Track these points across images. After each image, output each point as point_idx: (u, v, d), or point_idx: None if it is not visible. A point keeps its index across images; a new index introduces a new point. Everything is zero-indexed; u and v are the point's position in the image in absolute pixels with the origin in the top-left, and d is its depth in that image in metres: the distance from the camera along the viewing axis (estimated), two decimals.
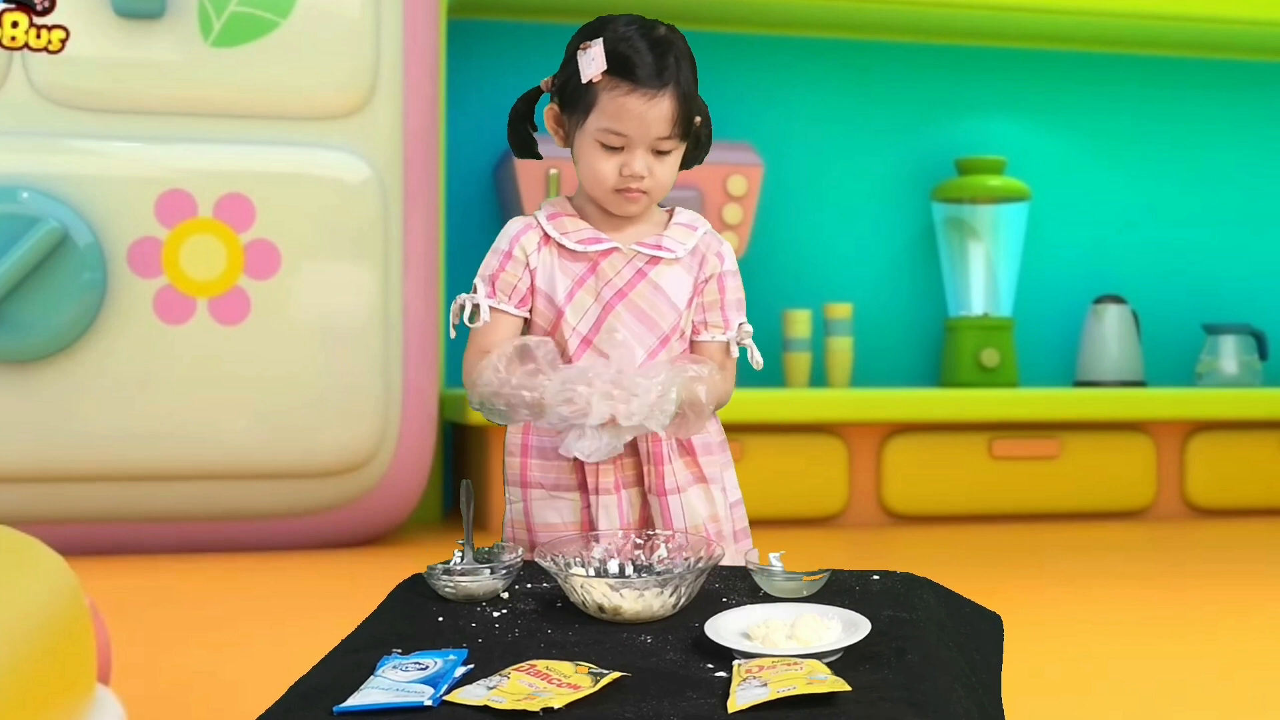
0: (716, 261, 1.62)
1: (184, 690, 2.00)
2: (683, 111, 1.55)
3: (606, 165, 1.55)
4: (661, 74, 1.53)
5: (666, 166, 1.57)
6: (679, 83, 1.54)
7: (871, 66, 4.52)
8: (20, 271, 3.06)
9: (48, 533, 2.06)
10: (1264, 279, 4.79)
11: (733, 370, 1.64)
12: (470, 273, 1.68)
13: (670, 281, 1.60)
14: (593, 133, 1.55)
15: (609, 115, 1.53)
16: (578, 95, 1.56)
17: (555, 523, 1.59)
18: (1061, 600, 2.79)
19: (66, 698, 1.13)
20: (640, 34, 1.55)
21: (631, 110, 1.52)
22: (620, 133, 1.54)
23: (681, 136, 1.57)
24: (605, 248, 1.58)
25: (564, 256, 1.59)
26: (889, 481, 3.98)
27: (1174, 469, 4.19)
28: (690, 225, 1.63)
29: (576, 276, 1.58)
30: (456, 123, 4.12)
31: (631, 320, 1.57)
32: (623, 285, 1.58)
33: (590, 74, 1.54)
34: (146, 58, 3.23)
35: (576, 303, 1.57)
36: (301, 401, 3.27)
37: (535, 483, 1.60)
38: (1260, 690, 2.06)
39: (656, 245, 1.60)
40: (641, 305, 1.58)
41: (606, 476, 1.58)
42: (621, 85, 1.53)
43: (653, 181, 1.56)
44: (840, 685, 1.03)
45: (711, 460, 1.63)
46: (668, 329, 1.59)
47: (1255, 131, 4.80)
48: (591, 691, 1.05)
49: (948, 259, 4.42)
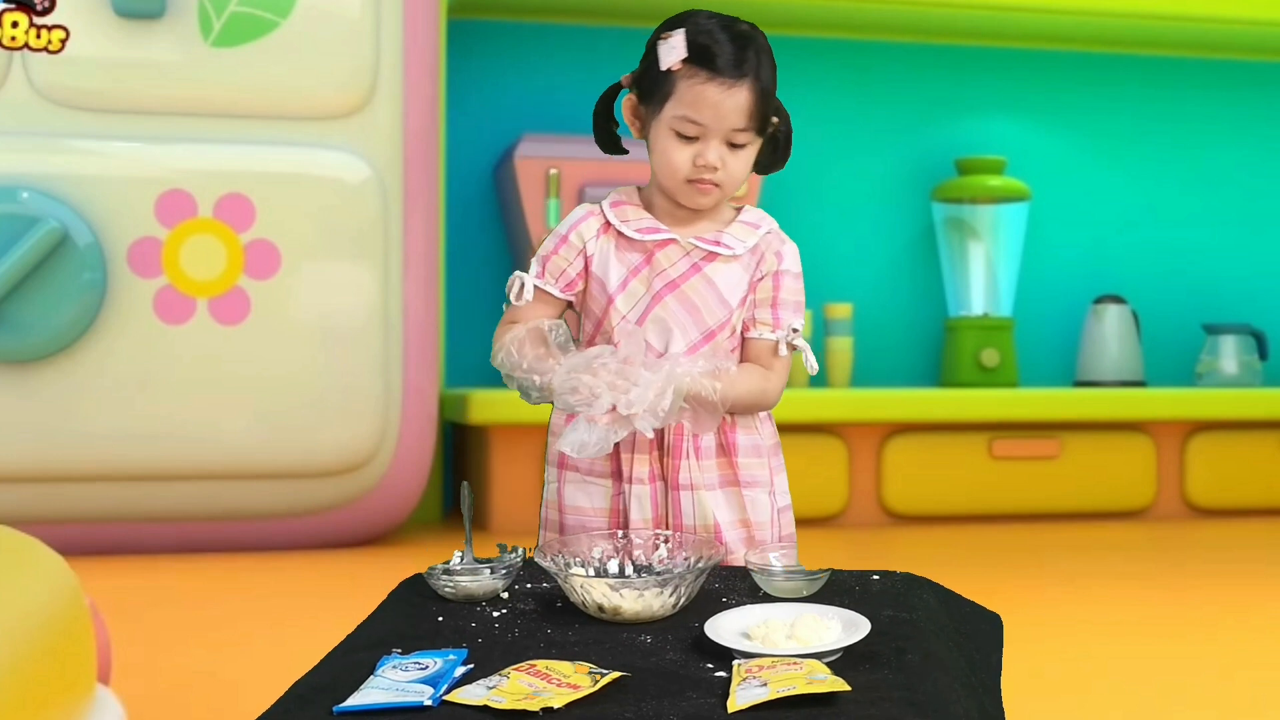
0: (775, 260, 1.60)
1: (184, 690, 2.00)
2: (759, 105, 1.54)
3: (681, 155, 1.55)
4: (740, 65, 1.53)
5: (740, 161, 1.56)
6: (758, 76, 1.54)
7: (871, 66, 4.52)
8: (20, 271, 3.06)
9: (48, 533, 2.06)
10: (1264, 279, 4.79)
11: (780, 371, 1.61)
12: (470, 272, 1.68)
13: (724, 278, 1.58)
14: (668, 121, 1.55)
15: (686, 103, 1.53)
16: (656, 84, 1.56)
17: (584, 507, 1.59)
18: (1061, 600, 2.79)
19: (66, 698, 1.13)
20: (721, 27, 1.55)
21: (708, 98, 1.52)
22: (696, 121, 1.53)
23: (757, 131, 1.56)
24: (662, 238, 1.58)
25: (621, 245, 1.58)
26: (889, 481, 3.98)
27: (1174, 469, 4.19)
28: (754, 224, 1.62)
29: (632, 265, 1.58)
30: (456, 123, 4.12)
31: (679, 312, 1.56)
32: (675, 277, 1.57)
33: (669, 62, 1.53)
34: (146, 58, 3.23)
35: (629, 291, 1.57)
36: (301, 401, 3.27)
37: (571, 465, 1.59)
38: (1260, 690, 2.06)
39: (715, 241, 1.59)
40: (691, 298, 1.57)
41: (641, 466, 1.57)
42: (700, 73, 1.52)
43: (725, 174, 1.55)
44: (840, 685, 1.03)
45: (759, 463, 1.60)
46: (714, 324, 1.57)
47: (1255, 131, 4.80)
48: (591, 691, 1.05)
49: (948, 259, 4.42)
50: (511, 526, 3.68)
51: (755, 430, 1.61)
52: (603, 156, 1.69)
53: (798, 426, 3.89)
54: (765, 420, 1.64)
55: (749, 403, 1.58)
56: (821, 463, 3.90)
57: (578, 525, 1.58)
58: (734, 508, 1.59)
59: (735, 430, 1.59)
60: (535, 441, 3.72)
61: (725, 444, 1.59)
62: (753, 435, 1.61)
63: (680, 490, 1.56)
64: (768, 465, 1.62)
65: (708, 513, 1.57)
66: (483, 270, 4.20)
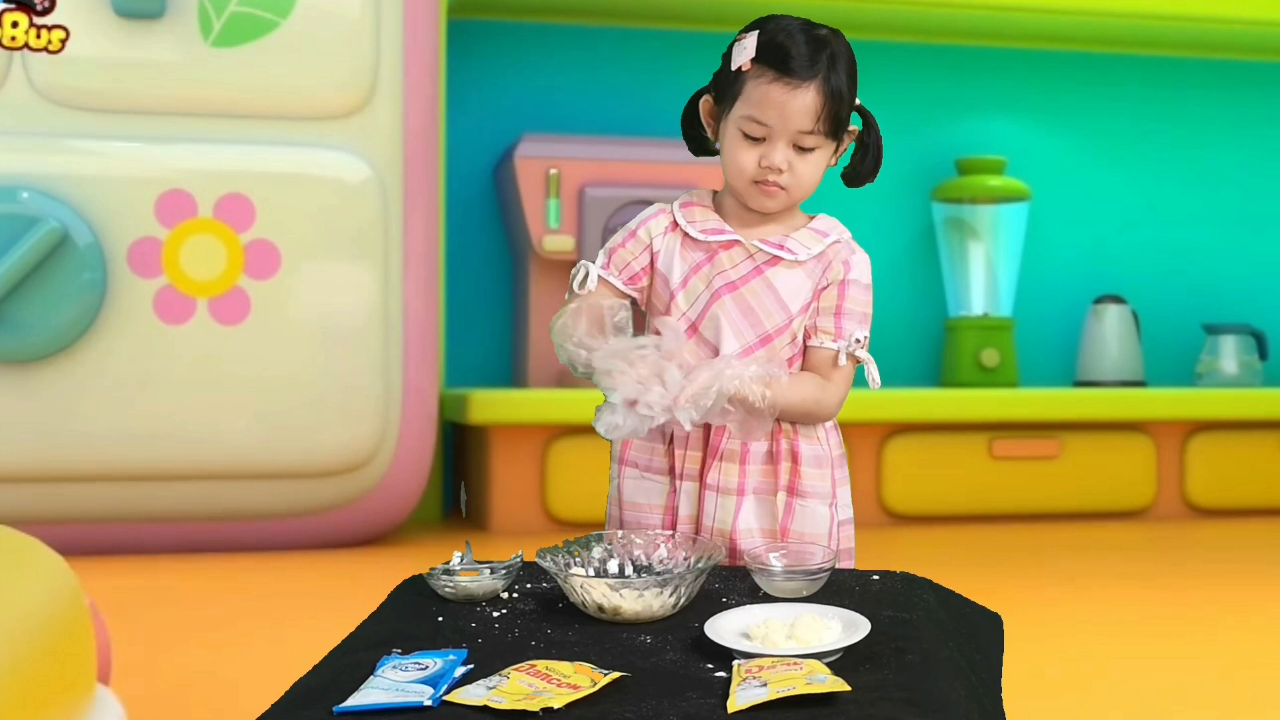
0: (842, 269, 1.58)
1: (184, 690, 2.00)
2: (829, 108, 1.52)
3: (747, 155, 1.54)
4: (810, 66, 1.51)
5: (809, 164, 1.55)
6: (827, 78, 1.52)
7: (871, 66, 4.48)
8: (20, 271, 3.06)
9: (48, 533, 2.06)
10: (1264, 279, 4.79)
11: (839, 381, 1.58)
12: (470, 272, 1.69)
13: (786, 283, 1.57)
14: (736, 121, 1.54)
15: (752, 103, 1.52)
16: (727, 85, 1.56)
17: (642, 503, 1.58)
18: (1061, 600, 2.79)
19: (66, 698, 1.13)
20: (799, 29, 1.54)
21: (774, 98, 1.51)
22: (761, 121, 1.52)
23: (828, 134, 1.54)
24: (726, 239, 1.57)
25: (686, 244, 1.58)
26: (889, 481, 3.98)
27: (1174, 469, 4.19)
28: (823, 231, 1.60)
29: (694, 264, 1.57)
30: (456, 123, 4.12)
31: (736, 314, 1.55)
32: (736, 279, 1.56)
33: (740, 61, 1.53)
34: (146, 58, 3.23)
35: (689, 288, 1.56)
36: (301, 401, 3.27)
37: (631, 461, 1.59)
38: (1260, 690, 2.06)
39: (779, 245, 1.57)
40: (750, 300, 1.55)
41: (692, 464, 1.56)
42: (767, 73, 1.51)
43: (792, 177, 1.54)
44: (840, 685, 1.03)
45: (821, 474, 1.58)
46: (771, 329, 1.55)
47: (1255, 131, 4.80)
48: (591, 691, 1.05)
49: (948, 259, 4.42)
50: (511, 526, 3.69)
51: (819, 441, 1.59)
52: (603, 156, 1.69)
53: None
54: (832, 431, 1.62)
55: (802, 412, 1.56)
56: None
57: (634, 522, 1.57)
58: (764, 516, 1.56)
59: (798, 439, 1.57)
60: (535, 441, 3.72)
61: (779, 451, 1.56)
62: (815, 445, 1.58)
63: (707, 490, 1.55)
64: (830, 477, 1.59)
65: (726, 517, 1.54)
66: (483, 270, 4.20)
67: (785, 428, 1.56)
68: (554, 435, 3.71)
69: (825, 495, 1.58)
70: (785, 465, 1.56)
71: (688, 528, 1.55)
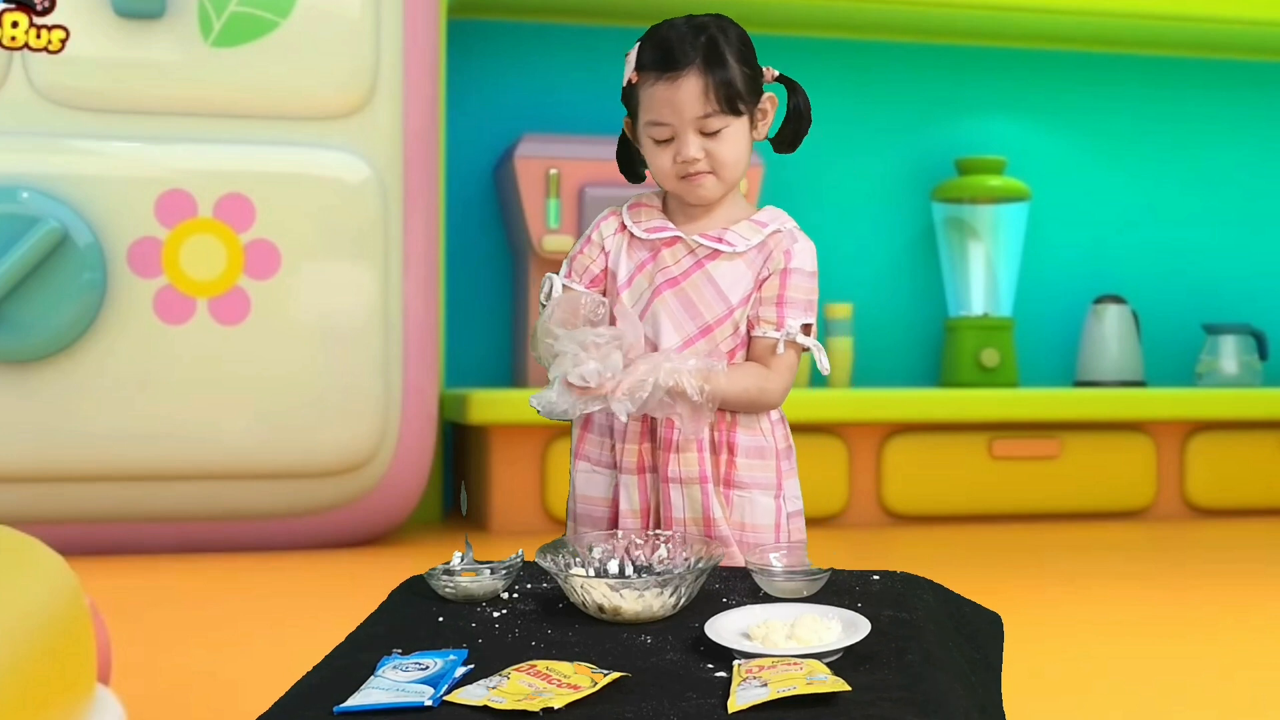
0: (783, 258, 1.60)
1: (184, 690, 2.00)
2: (717, 85, 1.54)
3: (663, 158, 1.58)
4: (686, 54, 1.54)
5: (726, 144, 1.57)
6: (706, 59, 1.54)
7: (871, 66, 4.53)
8: (20, 271, 3.06)
9: (48, 533, 2.06)
10: (1264, 279, 4.79)
11: (781, 370, 1.59)
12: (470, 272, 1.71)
13: (726, 275, 1.59)
14: (644, 130, 1.59)
15: (648, 109, 1.57)
16: (629, 99, 1.62)
17: (594, 496, 1.61)
18: (1061, 600, 2.79)
19: (66, 698, 1.13)
20: (676, 24, 1.58)
21: (661, 97, 1.55)
22: (661, 121, 1.56)
23: (729, 111, 1.56)
24: (667, 236, 1.61)
25: (633, 243, 1.62)
26: (889, 481, 3.98)
27: (1174, 469, 4.19)
28: (763, 222, 1.62)
29: (639, 262, 1.61)
30: (456, 123, 4.12)
31: (676, 307, 1.58)
32: (677, 274, 1.59)
33: (628, 75, 1.59)
34: (146, 58, 3.23)
35: (635, 286, 1.60)
36: (301, 401, 3.27)
37: (585, 455, 1.62)
38: (1260, 690, 2.06)
39: (718, 239, 1.59)
40: (690, 294, 1.58)
41: (629, 457, 1.58)
42: (649, 75, 1.56)
43: (712, 161, 1.57)
44: (840, 685, 1.03)
45: (763, 465, 1.59)
46: (712, 320, 1.58)
47: (1255, 131, 4.80)
48: (591, 691, 1.05)
49: (948, 259, 4.42)
50: (511, 526, 3.68)
51: (760, 431, 1.59)
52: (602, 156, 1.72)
53: (798, 426, 3.84)
54: (777, 423, 1.62)
55: (745, 402, 1.57)
56: (821, 463, 3.89)
57: (586, 515, 1.61)
58: (730, 506, 1.58)
59: (736, 430, 1.58)
60: (535, 441, 3.72)
61: (719, 443, 1.58)
62: (756, 436, 1.59)
63: (670, 483, 1.56)
64: (775, 468, 1.60)
65: (697, 506, 1.56)
66: (483, 270, 4.20)
67: (727, 418, 1.58)
68: (554, 435, 3.71)
69: (768, 486, 1.59)
70: (723, 456, 1.58)
71: (633, 522, 1.57)
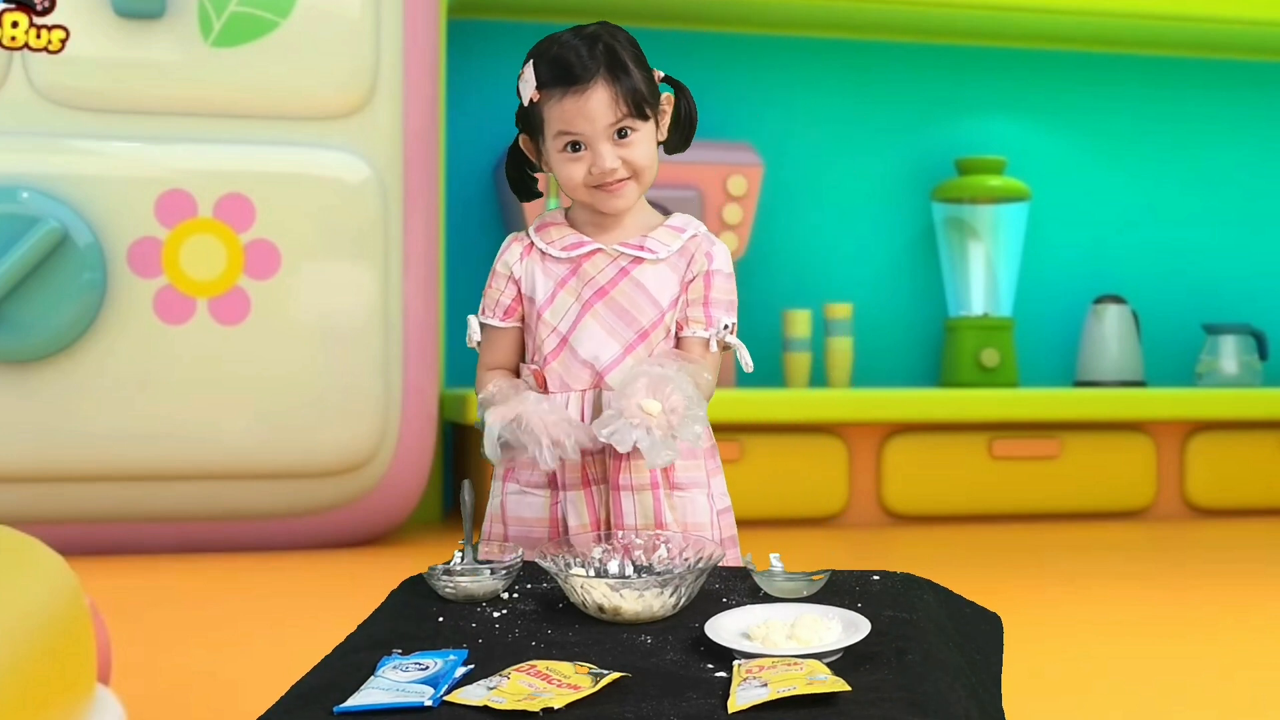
0: (705, 260, 1.62)
1: (184, 690, 2.00)
2: (625, 91, 1.55)
3: (576, 170, 1.57)
4: (587, 65, 1.54)
5: (638, 149, 1.57)
6: (610, 68, 1.55)
7: (871, 66, 4.52)
8: (20, 271, 3.06)
9: (48, 533, 2.06)
10: (1264, 279, 4.79)
11: (712, 368, 1.62)
12: (470, 272, 1.71)
13: (653, 279, 1.60)
14: (553, 145, 1.57)
15: (557, 123, 1.56)
16: (531, 119, 1.60)
17: (528, 518, 1.60)
18: (1061, 600, 2.79)
19: (66, 698, 1.13)
20: (566, 39, 1.57)
21: (571, 110, 1.54)
22: (572, 132, 1.55)
23: (637, 115, 1.56)
24: (588, 250, 1.60)
25: (548, 261, 1.61)
26: (889, 481, 3.97)
27: (1174, 469, 4.19)
28: (679, 228, 1.63)
29: (558, 278, 1.60)
30: (456, 123, 4.12)
31: (610, 316, 1.58)
32: (604, 284, 1.59)
33: (528, 94, 1.58)
34: (146, 58, 3.23)
35: (557, 303, 1.60)
36: (301, 401, 3.27)
37: (511, 477, 1.61)
38: (1260, 690, 2.06)
39: (640, 246, 1.60)
40: (621, 302, 1.59)
41: (573, 472, 1.57)
42: (554, 91, 1.55)
43: (630, 168, 1.57)
44: (840, 685, 1.03)
45: (695, 465, 1.60)
46: (647, 324, 1.59)
47: (1255, 131, 4.79)
48: (591, 692, 1.05)
49: (948, 259, 4.41)
50: None
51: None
52: None
53: (798, 426, 3.89)
54: None
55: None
56: (821, 463, 3.89)
57: (521, 535, 1.59)
58: (675, 509, 1.59)
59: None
60: None
61: None
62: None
63: (621, 491, 1.56)
64: (704, 467, 1.62)
65: (649, 511, 1.56)
66: (482, 270, 4.14)
67: None
68: None
69: (702, 485, 1.61)
70: None
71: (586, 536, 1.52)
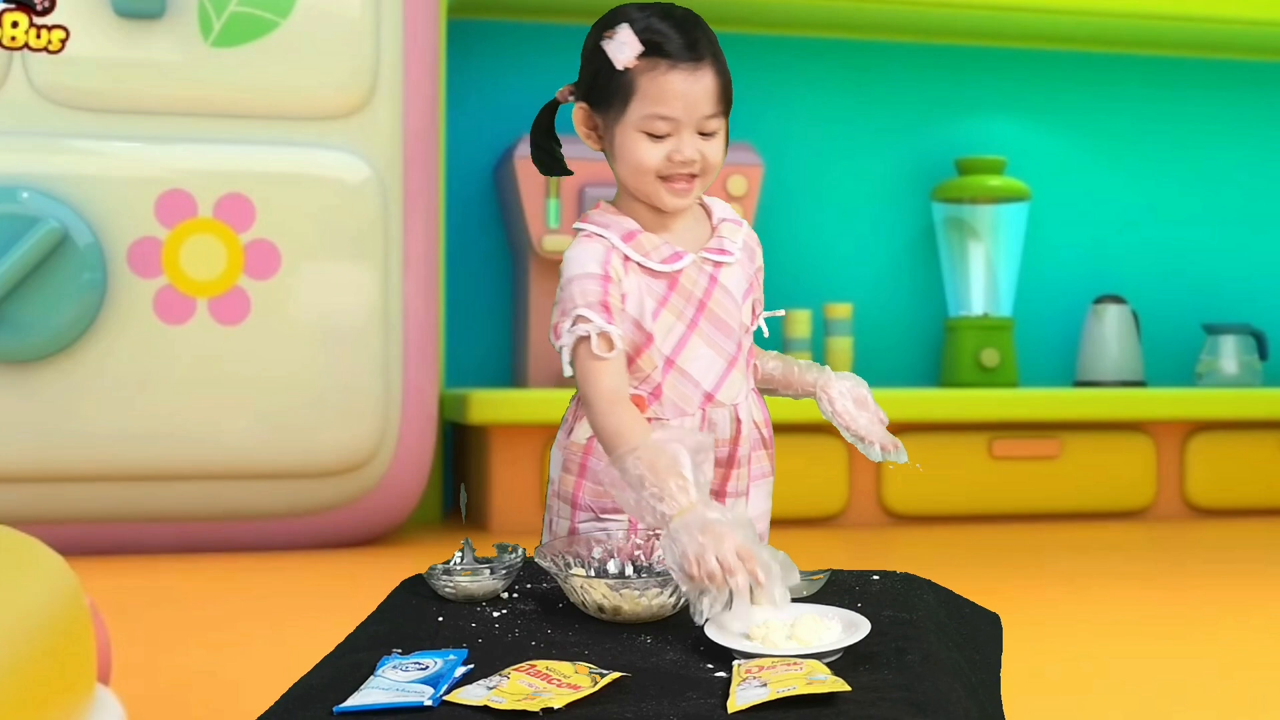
0: (760, 253, 1.59)
1: (184, 690, 2.00)
2: (723, 86, 1.46)
3: (654, 154, 1.44)
4: (697, 46, 1.43)
5: (715, 148, 1.46)
6: (715, 55, 1.46)
7: (871, 66, 4.52)
8: (20, 271, 3.06)
9: (48, 533, 2.06)
10: (1264, 279, 4.79)
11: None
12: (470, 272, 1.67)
13: (733, 282, 1.52)
14: (635, 122, 1.44)
15: (652, 99, 1.43)
16: (612, 87, 1.45)
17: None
18: (1061, 600, 2.79)
19: (66, 698, 1.13)
20: (662, 14, 1.46)
21: (675, 89, 1.42)
22: (667, 116, 1.43)
23: (725, 113, 1.47)
24: (685, 264, 1.48)
25: (646, 275, 1.47)
26: (889, 481, 3.97)
27: (1174, 469, 4.19)
28: (735, 221, 1.56)
29: (659, 296, 1.47)
30: (456, 123, 4.12)
31: (710, 330, 1.49)
32: (701, 296, 1.49)
33: (624, 59, 1.43)
34: (146, 58, 3.23)
35: (660, 323, 1.47)
36: (301, 401, 3.27)
37: (585, 506, 1.51)
38: (1260, 690, 2.06)
39: (720, 250, 1.51)
40: (717, 312, 1.50)
41: None
42: (661, 64, 1.42)
43: (704, 165, 1.45)
44: (840, 685, 1.03)
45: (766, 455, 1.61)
46: (738, 330, 1.52)
47: (1255, 131, 4.79)
48: (591, 691, 1.05)
49: (948, 259, 4.42)
50: (511, 526, 3.68)
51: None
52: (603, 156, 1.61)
53: (798, 426, 3.88)
54: None
55: None
56: (821, 463, 3.89)
57: None
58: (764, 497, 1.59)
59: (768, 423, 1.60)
60: (535, 442, 3.72)
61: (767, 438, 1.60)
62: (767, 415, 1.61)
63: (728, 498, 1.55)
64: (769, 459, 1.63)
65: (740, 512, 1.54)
66: (483, 270, 4.20)
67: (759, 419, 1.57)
68: (554, 435, 3.70)
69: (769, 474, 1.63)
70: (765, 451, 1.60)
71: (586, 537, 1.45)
